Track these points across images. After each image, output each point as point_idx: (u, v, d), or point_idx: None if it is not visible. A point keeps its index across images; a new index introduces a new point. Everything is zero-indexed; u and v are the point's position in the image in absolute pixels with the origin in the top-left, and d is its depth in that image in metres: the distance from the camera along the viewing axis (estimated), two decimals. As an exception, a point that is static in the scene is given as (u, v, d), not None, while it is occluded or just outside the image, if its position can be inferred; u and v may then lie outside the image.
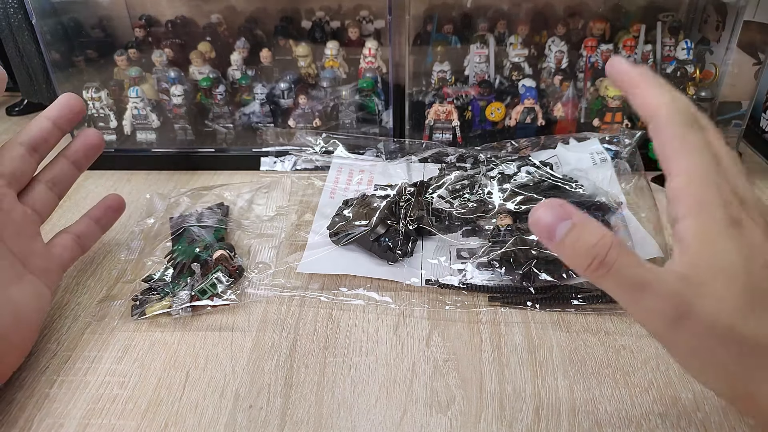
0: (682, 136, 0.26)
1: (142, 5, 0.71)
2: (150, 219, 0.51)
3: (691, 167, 0.26)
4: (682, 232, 0.26)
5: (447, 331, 0.40)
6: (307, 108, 0.63)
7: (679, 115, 0.27)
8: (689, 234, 0.25)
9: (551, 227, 0.26)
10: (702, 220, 0.25)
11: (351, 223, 0.46)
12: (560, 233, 0.26)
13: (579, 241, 0.26)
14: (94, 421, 0.34)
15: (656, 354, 0.37)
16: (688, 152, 0.26)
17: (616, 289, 0.26)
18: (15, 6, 0.62)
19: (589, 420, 0.33)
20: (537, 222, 0.27)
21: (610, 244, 0.26)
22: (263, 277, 0.45)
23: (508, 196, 0.47)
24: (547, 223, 0.27)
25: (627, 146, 0.52)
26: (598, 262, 0.26)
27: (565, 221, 0.26)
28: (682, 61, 0.60)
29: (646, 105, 0.28)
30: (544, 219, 0.27)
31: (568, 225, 0.26)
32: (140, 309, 0.41)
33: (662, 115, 0.27)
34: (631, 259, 0.26)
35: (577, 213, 0.27)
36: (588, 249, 0.26)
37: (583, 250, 0.26)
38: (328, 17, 0.71)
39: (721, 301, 0.24)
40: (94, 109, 0.63)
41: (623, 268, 0.26)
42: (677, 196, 0.26)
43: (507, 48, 0.63)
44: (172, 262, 0.45)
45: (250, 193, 0.56)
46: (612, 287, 0.26)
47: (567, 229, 0.26)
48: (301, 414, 0.34)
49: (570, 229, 0.26)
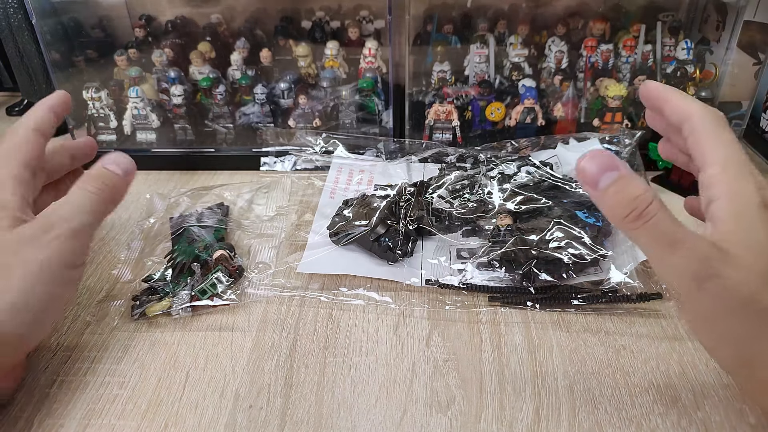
0: (716, 133, 0.29)
1: (142, 5, 0.71)
2: (150, 219, 0.51)
3: (726, 157, 0.29)
4: (717, 211, 0.28)
5: (447, 331, 0.40)
6: (307, 108, 0.63)
7: (713, 115, 0.30)
8: (723, 212, 0.28)
9: (596, 176, 0.28)
10: (736, 200, 0.28)
11: (351, 223, 0.46)
12: (604, 183, 0.28)
13: (622, 192, 0.28)
14: (94, 422, 0.34)
15: (656, 354, 0.37)
16: (723, 145, 0.29)
17: (650, 243, 0.28)
18: (15, 6, 0.62)
19: (589, 420, 0.33)
20: (583, 169, 0.29)
21: (651, 199, 0.28)
22: (263, 277, 0.45)
23: (508, 196, 0.47)
24: (593, 171, 0.28)
25: (627, 146, 0.52)
26: (637, 214, 0.28)
27: (611, 172, 0.28)
28: (682, 61, 0.60)
29: (680, 110, 0.31)
30: (590, 168, 0.29)
31: (614, 176, 0.28)
32: (140, 309, 0.41)
33: (697, 116, 0.30)
34: (668, 217, 0.28)
35: (624, 165, 0.29)
36: (630, 200, 0.28)
37: (624, 200, 0.28)
38: (328, 17, 0.71)
39: (748, 271, 0.26)
40: (94, 109, 0.63)
41: (659, 223, 0.27)
42: (713, 182, 0.28)
43: (507, 48, 0.63)
44: (172, 262, 0.45)
45: (250, 193, 0.56)
46: (646, 241, 0.28)
47: (612, 179, 0.28)
48: (301, 414, 0.34)
49: (615, 180, 0.28)
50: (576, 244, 0.41)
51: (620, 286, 0.41)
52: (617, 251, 0.43)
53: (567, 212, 0.44)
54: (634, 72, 0.62)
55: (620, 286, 0.41)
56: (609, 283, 0.41)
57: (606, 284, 0.41)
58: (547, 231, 0.43)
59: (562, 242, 0.42)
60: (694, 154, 0.30)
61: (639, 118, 0.61)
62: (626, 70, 0.62)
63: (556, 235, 0.42)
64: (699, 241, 0.27)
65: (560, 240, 0.42)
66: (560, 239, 0.42)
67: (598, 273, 0.42)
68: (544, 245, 0.42)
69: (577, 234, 0.42)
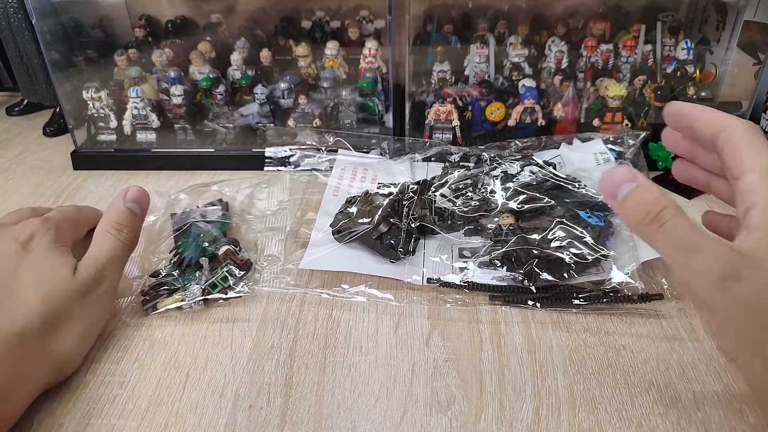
0: (752, 141, 0.30)
1: (142, 5, 0.71)
2: (151, 217, 0.50)
3: (764, 165, 0.29)
4: (753, 218, 0.28)
5: (447, 330, 0.40)
6: (307, 108, 0.63)
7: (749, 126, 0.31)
8: (759, 219, 0.28)
9: (616, 187, 0.30)
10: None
11: (354, 220, 0.46)
12: (623, 192, 0.30)
13: (637, 198, 0.30)
14: (94, 421, 0.34)
15: (656, 354, 0.37)
16: (760, 154, 0.29)
17: (666, 247, 0.29)
18: (15, 6, 0.62)
19: (589, 420, 0.33)
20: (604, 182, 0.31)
21: (665, 204, 0.29)
22: (273, 270, 0.45)
23: (511, 196, 0.47)
24: (613, 183, 0.30)
25: (631, 147, 0.52)
26: (651, 218, 0.29)
27: (629, 183, 0.30)
28: (682, 61, 0.60)
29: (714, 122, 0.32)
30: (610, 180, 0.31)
31: (632, 186, 0.30)
32: (151, 303, 0.42)
33: (734, 126, 0.31)
34: (685, 223, 0.28)
35: (643, 177, 0.30)
36: (644, 204, 0.29)
37: (639, 205, 0.29)
38: (328, 17, 0.71)
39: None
40: (94, 109, 0.63)
41: (674, 228, 0.28)
42: (751, 189, 0.29)
43: (507, 48, 0.63)
44: (179, 257, 0.45)
45: (249, 188, 0.56)
46: (662, 245, 0.29)
47: (630, 189, 0.30)
48: (301, 414, 0.34)
49: (633, 189, 0.30)
50: (578, 244, 0.41)
51: (621, 287, 0.41)
52: (619, 251, 0.43)
53: (569, 212, 0.44)
54: (634, 72, 0.62)
55: (621, 287, 0.41)
56: (610, 283, 0.41)
57: (607, 284, 0.41)
58: (549, 230, 0.43)
59: (564, 242, 0.42)
60: (730, 163, 0.31)
61: (639, 119, 0.61)
62: (626, 70, 0.62)
63: (558, 235, 0.42)
64: (720, 246, 0.28)
65: (562, 239, 0.42)
66: (562, 239, 0.42)
67: (600, 273, 0.42)
68: (545, 245, 0.42)
69: (579, 234, 0.42)
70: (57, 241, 0.38)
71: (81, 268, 0.37)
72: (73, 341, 0.36)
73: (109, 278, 0.38)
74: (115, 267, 0.39)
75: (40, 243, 0.37)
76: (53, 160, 0.66)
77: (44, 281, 0.35)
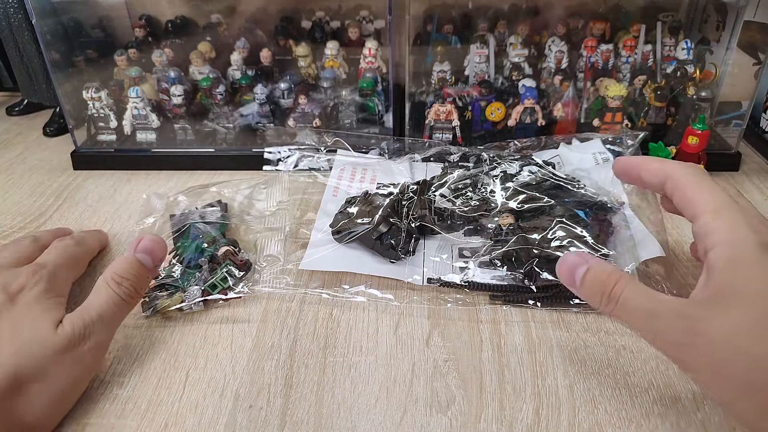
0: (698, 183, 0.30)
1: (142, 5, 0.71)
2: (149, 218, 0.51)
3: (714, 203, 0.29)
4: (713, 260, 0.28)
5: (447, 330, 0.40)
6: (307, 108, 0.63)
7: (690, 168, 0.31)
8: (720, 261, 0.27)
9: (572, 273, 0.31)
10: (734, 246, 0.27)
11: (354, 220, 0.46)
12: (578, 276, 0.31)
13: (592, 280, 0.31)
14: (94, 421, 0.34)
15: (656, 354, 0.37)
16: (708, 193, 0.30)
17: (628, 319, 0.30)
18: (15, 6, 0.62)
19: (589, 420, 0.33)
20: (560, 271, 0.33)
21: (617, 279, 0.29)
22: (272, 270, 0.45)
23: (511, 195, 0.47)
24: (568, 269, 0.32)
25: (630, 147, 0.52)
26: (606, 297, 0.29)
27: (579, 267, 0.31)
28: (682, 61, 0.60)
29: (657, 171, 0.32)
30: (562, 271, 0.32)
31: (582, 270, 0.31)
32: (152, 305, 0.41)
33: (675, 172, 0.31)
34: (639, 292, 0.29)
35: (593, 258, 0.32)
36: (598, 285, 0.30)
37: (595, 287, 0.30)
38: (328, 17, 0.71)
39: (735, 325, 0.26)
40: (94, 109, 0.63)
41: (630, 300, 0.29)
42: (707, 230, 0.28)
43: (507, 48, 0.63)
44: (178, 258, 0.45)
45: (248, 189, 0.56)
46: (624, 319, 0.30)
47: (582, 273, 0.31)
48: (301, 414, 0.34)
49: (586, 272, 0.31)
50: (578, 243, 0.41)
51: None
52: (619, 251, 0.43)
53: (569, 211, 0.44)
54: (634, 72, 0.62)
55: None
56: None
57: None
58: (549, 230, 0.43)
59: (563, 241, 0.42)
60: (682, 208, 0.31)
61: (639, 119, 0.61)
62: (626, 70, 0.62)
63: (557, 234, 0.42)
64: (678, 305, 0.27)
65: (562, 239, 0.42)
66: (562, 238, 0.42)
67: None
68: (545, 244, 0.42)
69: (579, 233, 0.42)
70: (48, 291, 0.36)
71: (66, 323, 0.34)
72: (45, 405, 0.32)
73: (97, 335, 0.34)
74: (106, 323, 0.35)
75: (28, 295, 0.35)
76: (53, 160, 0.66)
77: (20, 336, 0.32)
